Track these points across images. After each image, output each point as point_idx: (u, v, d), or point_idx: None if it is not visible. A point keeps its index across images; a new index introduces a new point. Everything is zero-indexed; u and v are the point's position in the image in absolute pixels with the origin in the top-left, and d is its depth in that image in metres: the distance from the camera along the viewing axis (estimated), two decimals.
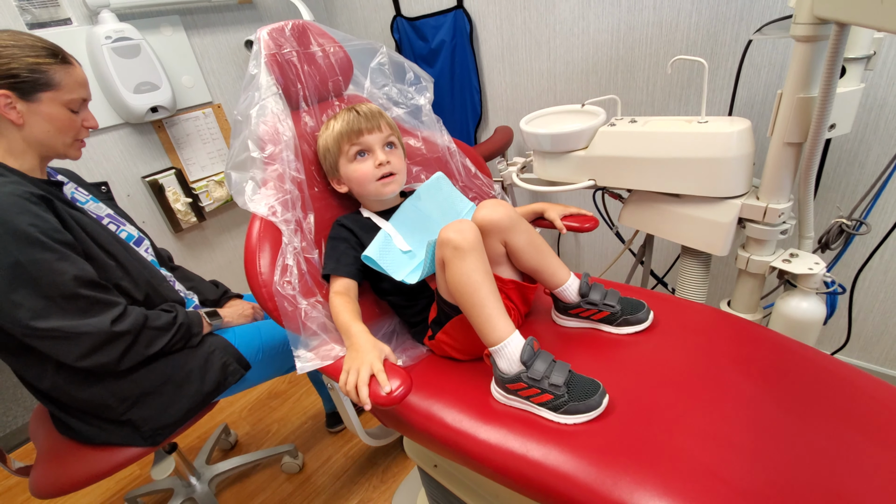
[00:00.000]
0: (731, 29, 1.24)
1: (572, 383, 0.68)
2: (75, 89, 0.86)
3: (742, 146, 0.81)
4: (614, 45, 1.44)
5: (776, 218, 0.82)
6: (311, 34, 0.91)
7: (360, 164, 0.87)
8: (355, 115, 0.87)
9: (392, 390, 0.64)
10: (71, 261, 0.79)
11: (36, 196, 0.79)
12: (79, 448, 0.90)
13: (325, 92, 0.95)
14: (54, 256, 0.77)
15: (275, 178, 0.82)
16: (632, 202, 1.03)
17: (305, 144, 0.91)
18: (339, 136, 0.87)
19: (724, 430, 0.61)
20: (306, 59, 0.90)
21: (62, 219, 0.82)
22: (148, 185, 1.73)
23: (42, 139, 0.85)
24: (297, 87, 0.90)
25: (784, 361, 0.71)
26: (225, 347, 0.99)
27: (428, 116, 1.06)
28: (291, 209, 0.83)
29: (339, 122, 0.88)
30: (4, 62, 0.78)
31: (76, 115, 0.88)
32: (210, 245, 2.00)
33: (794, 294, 0.86)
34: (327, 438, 1.52)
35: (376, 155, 0.87)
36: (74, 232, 0.83)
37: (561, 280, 0.84)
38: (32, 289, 0.76)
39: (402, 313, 0.94)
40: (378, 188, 0.89)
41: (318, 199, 0.92)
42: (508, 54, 1.70)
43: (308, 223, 0.86)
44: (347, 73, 0.96)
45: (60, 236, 0.79)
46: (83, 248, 0.84)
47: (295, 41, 0.89)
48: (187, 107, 1.80)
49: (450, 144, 1.09)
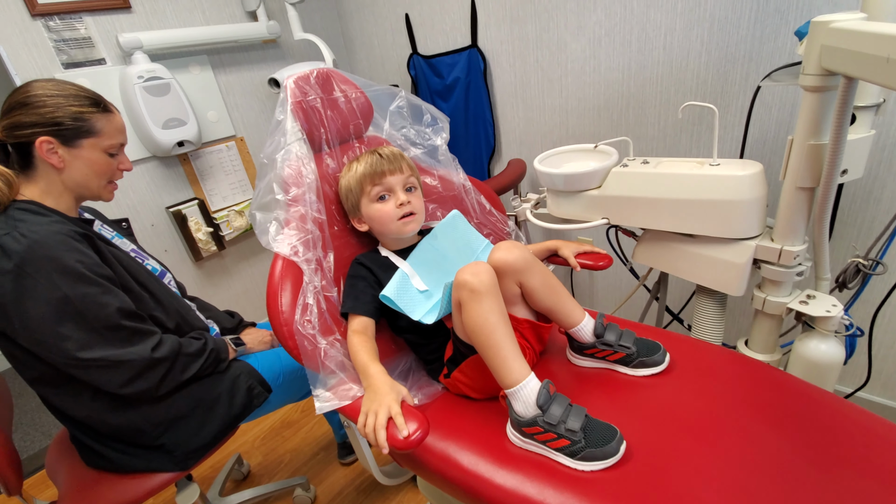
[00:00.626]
0: (740, 69, 1.27)
1: (589, 428, 0.67)
2: (114, 136, 0.91)
3: (754, 189, 0.82)
4: (625, 84, 1.48)
5: (791, 260, 0.82)
6: (334, 81, 0.96)
7: (382, 204, 0.90)
8: (378, 157, 0.91)
9: (409, 434, 0.65)
10: (113, 294, 0.84)
11: (79, 234, 0.83)
12: (107, 478, 0.92)
13: (346, 134, 1.00)
14: (99, 290, 0.81)
15: (297, 218, 0.86)
16: (645, 240, 1.04)
17: (327, 185, 0.95)
18: (363, 178, 0.90)
19: (742, 480, 0.60)
20: (329, 105, 0.95)
21: (102, 254, 0.86)
22: (171, 215, 1.79)
23: (80, 181, 0.89)
24: (321, 132, 0.94)
25: (803, 408, 0.70)
26: (250, 372, 1.03)
27: (444, 156, 1.10)
28: (312, 249, 0.85)
29: (362, 164, 0.91)
30: (49, 111, 0.83)
31: (113, 158, 0.93)
32: (228, 273, 2.04)
33: (812, 336, 0.85)
34: (339, 470, 1.51)
35: (397, 195, 0.90)
36: (113, 266, 0.87)
37: (576, 320, 0.84)
38: (79, 322, 0.80)
39: (419, 351, 0.95)
40: (399, 227, 0.91)
41: (338, 238, 0.95)
42: (521, 90, 1.75)
43: (328, 262, 0.89)
44: (368, 117, 1.01)
45: (102, 271, 0.84)
46: (121, 281, 0.88)
47: (319, 88, 0.94)
48: (212, 140, 1.88)
49: (465, 182, 1.12)
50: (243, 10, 1.90)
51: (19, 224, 0.78)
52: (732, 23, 1.23)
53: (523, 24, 1.62)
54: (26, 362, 0.83)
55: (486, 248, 1.03)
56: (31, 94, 0.83)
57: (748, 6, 1.19)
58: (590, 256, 1.02)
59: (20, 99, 0.83)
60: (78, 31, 1.55)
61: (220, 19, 1.85)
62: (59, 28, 1.52)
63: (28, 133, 0.82)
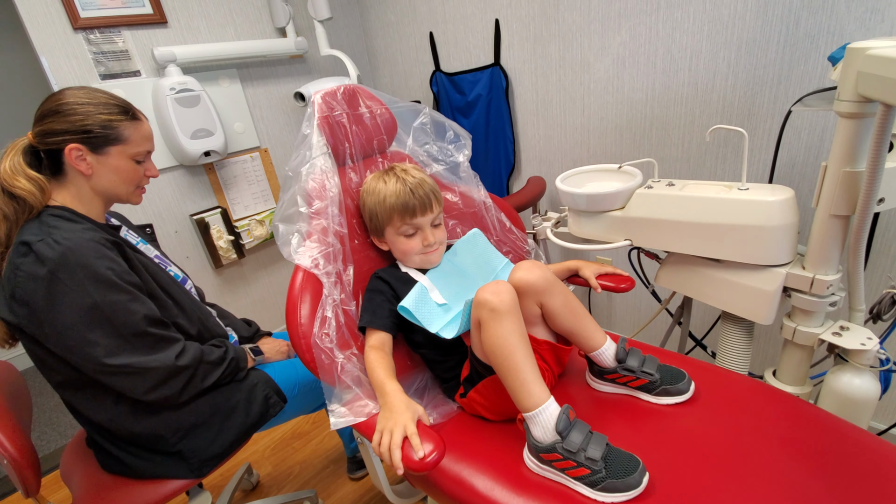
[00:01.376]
0: (769, 91, 1.25)
1: (610, 458, 0.65)
2: (142, 143, 0.92)
3: (785, 215, 0.80)
4: (649, 104, 1.47)
5: (824, 290, 0.79)
6: (360, 97, 0.98)
7: (409, 240, 0.91)
8: (410, 194, 0.88)
9: (425, 455, 0.64)
10: (141, 301, 0.85)
11: (109, 241, 0.85)
12: (122, 483, 0.93)
13: (370, 149, 1.01)
14: (127, 298, 0.83)
15: (319, 231, 0.87)
16: (669, 263, 1.02)
17: (349, 199, 0.96)
18: (391, 210, 0.89)
19: None
20: (355, 120, 0.96)
21: (130, 262, 0.87)
22: (195, 222, 1.83)
23: (108, 188, 0.91)
24: (345, 146, 0.96)
25: (835, 445, 0.67)
26: (267, 381, 1.04)
27: (466, 172, 1.10)
28: (333, 262, 0.86)
29: (391, 192, 0.89)
30: (80, 119, 0.85)
31: (140, 165, 0.94)
32: (247, 281, 2.07)
33: (845, 369, 0.81)
34: (348, 485, 1.50)
35: (426, 234, 0.90)
36: (140, 274, 0.89)
37: (597, 344, 0.82)
38: (107, 328, 0.81)
39: (435, 368, 0.94)
40: (423, 260, 0.93)
41: (358, 252, 0.95)
42: (543, 109, 1.75)
43: (348, 275, 0.89)
44: (392, 132, 1.03)
45: (131, 278, 0.85)
46: (147, 288, 0.89)
47: (345, 104, 0.95)
48: (237, 151, 1.92)
49: (486, 199, 1.12)
50: (273, 27, 1.96)
51: (53, 231, 0.80)
52: (761, 46, 1.22)
53: (546, 44, 1.63)
54: (53, 366, 0.85)
55: (505, 267, 1.02)
56: (63, 101, 0.85)
57: (777, 30, 1.18)
58: (611, 278, 1.00)
59: (53, 107, 0.85)
60: (116, 44, 1.61)
61: (251, 34, 1.91)
62: (99, 41, 1.58)
63: (59, 140, 0.84)
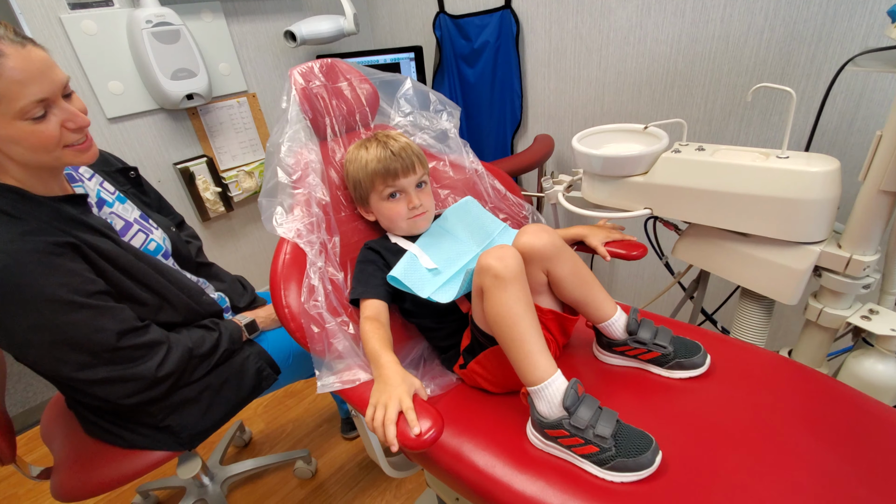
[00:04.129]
0: (806, 50, 1.14)
1: (620, 435, 0.62)
2: (19, 92, 0.62)
3: (827, 189, 0.73)
4: (672, 58, 1.35)
5: (860, 271, 0.74)
6: (339, 70, 0.95)
7: (394, 203, 0.87)
8: (390, 155, 0.85)
9: (422, 432, 0.60)
10: (110, 313, 0.74)
11: (60, 245, 0.69)
12: (107, 449, 0.88)
13: (352, 122, 0.98)
14: (91, 314, 0.72)
15: (302, 202, 0.84)
16: (690, 235, 0.95)
17: (333, 171, 0.93)
18: (373, 175, 0.86)
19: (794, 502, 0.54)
20: (334, 93, 0.93)
21: (93, 263, 0.74)
22: (179, 171, 1.72)
23: (27, 161, 0.69)
24: (326, 119, 0.93)
25: (863, 425, 0.63)
26: (259, 353, 0.99)
27: (454, 140, 1.07)
28: (316, 231, 0.83)
29: (372, 158, 0.86)
30: None
31: (42, 121, 0.67)
32: (236, 235, 1.98)
33: (869, 354, 0.77)
34: (342, 444, 1.49)
35: (410, 197, 0.87)
36: (108, 275, 0.76)
37: (606, 314, 0.78)
38: (73, 346, 0.72)
39: (431, 336, 0.90)
40: (410, 225, 0.89)
41: (345, 223, 0.93)
42: (555, 60, 1.62)
43: (333, 245, 0.87)
44: (374, 105, 1.00)
45: (94, 287, 0.73)
46: (118, 289, 0.78)
47: (324, 77, 0.93)
48: (222, 95, 1.77)
49: (477, 167, 1.08)
50: None
51: None
52: None
53: None
54: None
55: (503, 232, 0.98)
56: None
57: None
58: (621, 244, 0.95)
59: None
60: None
61: None
62: None
63: None
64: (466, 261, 0.89)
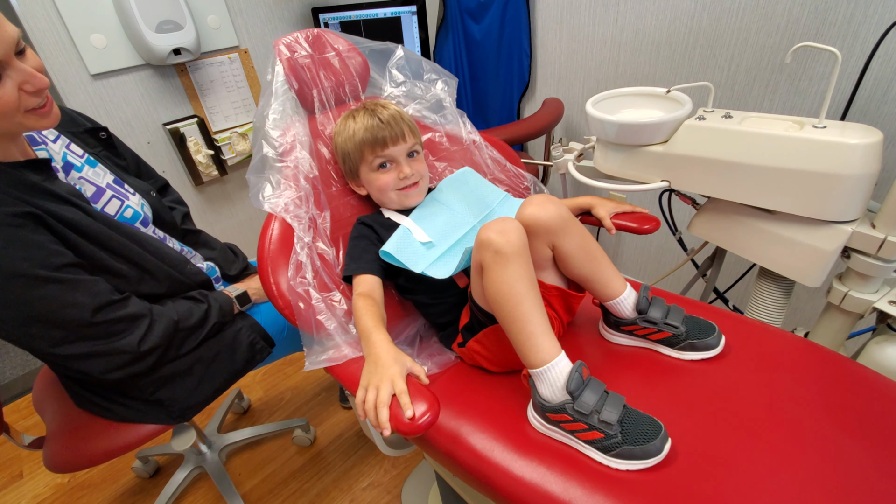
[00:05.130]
0: (843, 8, 1.04)
1: (627, 421, 0.58)
2: None
3: (867, 163, 0.66)
4: (696, 15, 1.25)
5: (894, 253, 0.68)
6: (326, 40, 0.91)
7: (383, 174, 0.84)
8: (378, 123, 0.81)
9: (417, 417, 0.57)
10: (82, 288, 0.69)
11: (19, 216, 0.64)
12: (98, 421, 0.87)
13: (342, 95, 0.93)
14: (61, 288, 0.67)
15: (290, 177, 0.81)
16: (708, 210, 0.89)
17: (322, 146, 0.90)
18: (362, 144, 0.82)
19: (814, 498, 0.51)
20: (322, 64, 0.89)
21: (59, 235, 0.69)
22: (169, 132, 1.64)
23: None
24: (313, 91, 0.89)
25: (889, 412, 0.60)
26: (252, 326, 0.95)
27: (450, 110, 1.02)
28: (305, 205, 0.80)
29: (360, 127, 0.82)
30: None
31: None
32: (231, 200, 1.92)
33: (893, 340, 0.73)
34: (340, 413, 1.49)
35: (401, 167, 0.83)
36: (78, 246, 0.71)
37: (615, 292, 0.73)
38: (46, 323, 0.68)
39: (428, 313, 0.87)
40: (400, 198, 0.85)
41: (337, 198, 0.89)
42: (568, 15, 1.50)
43: (323, 220, 0.83)
44: (364, 76, 0.95)
45: (61, 259, 0.68)
46: (91, 261, 0.73)
47: (310, 47, 0.88)
48: (212, 50, 1.67)
49: (475, 137, 1.03)
50: None
51: None
52: None
53: None
54: None
55: (503, 201, 0.93)
56: None
57: None
58: (631, 217, 0.89)
59: None
60: None
61: None
62: None
63: None
64: (463, 233, 0.85)
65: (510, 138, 1.38)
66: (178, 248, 0.95)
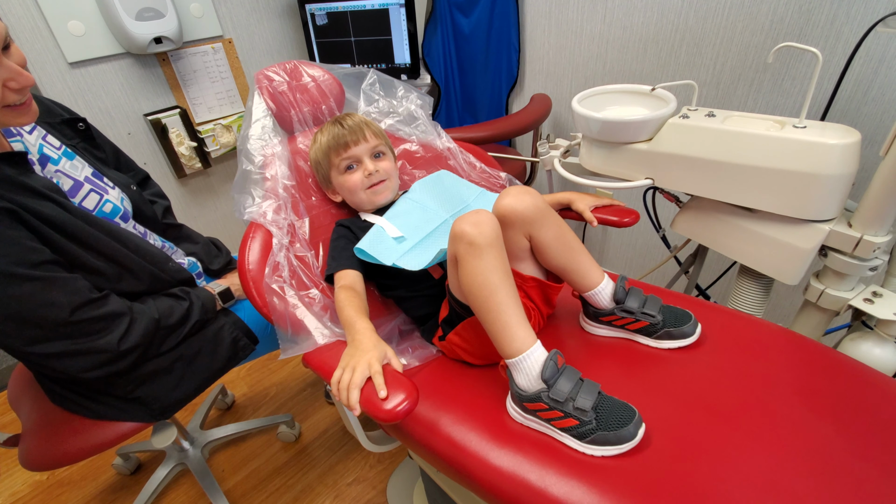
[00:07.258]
0: (828, 9, 1.05)
1: (602, 408, 0.59)
2: None
3: (845, 163, 0.67)
4: (683, 13, 1.25)
5: (869, 252, 0.69)
6: (302, 69, 0.99)
7: (351, 175, 0.89)
8: (340, 128, 0.89)
9: (396, 405, 0.56)
10: (59, 285, 0.68)
11: None
12: (75, 419, 0.85)
13: (320, 116, 1.01)
14: (37, 286, 0.65)
15: (269, 189, 0.87)
16: (691, 209, 0.90)
17: (302, 162, 0.96)
18: (328, 150, 0.89)
19: (786, 478, 0.52)
20: (298, 89, 0.98)
21: (35, 231, 0.67)
22: (150, 123, 1.60)
23: None
24: (291, 113, 0.97)
25: (863, 398, 0.60)
26: (235, 322, 0.94)
27: (424, 122, 1.08)
28: (283, 212, 0.85)
29: (325, 135, 0.90)
30: None
31: None
32: (215, 193, 1.89)
33: (867, 337, 0.75)
34: (325, 409, 1.49)
35: (365, 165, 0.88)
36: (55, 243, 0.69)
37: (593, 283, 0.74)
38: (21, 322, 0.66)
39: (407, 307, 0.88)
40: (370, 197, 0.89)
41: (316, 208, 0.95)
42: (557, 11, 1.50)
43: (302, 225, 0.89)
44: (340, 98, 1.03)
45: (38, 256, 0.66)
46: (68, 259, 0.71)
47: (287, 75, 0.97)
48: (195, 39, 1.63)
49: (449, 144, 1.08)
50: None
51: None
52: None
53: None
54: None
55: (479, 196, 0.96)
56: None
57: None
58: (611, 210, 0.90)
59: None
60: None
61: None
62: None
63: None
64: (434, 227, 0.87)
65: (497, 134, 1.37)
66: (160, 244, 0.93)
